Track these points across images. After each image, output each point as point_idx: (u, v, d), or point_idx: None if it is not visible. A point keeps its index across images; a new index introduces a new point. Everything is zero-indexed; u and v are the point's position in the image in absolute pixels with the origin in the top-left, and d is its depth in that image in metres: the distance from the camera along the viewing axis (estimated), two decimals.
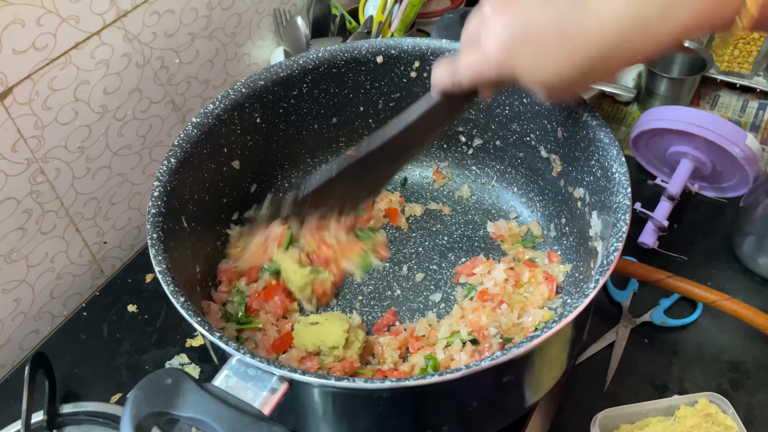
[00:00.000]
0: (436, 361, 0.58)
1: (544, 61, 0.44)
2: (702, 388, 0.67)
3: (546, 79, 0.45)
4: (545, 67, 0.45)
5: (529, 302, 0.64)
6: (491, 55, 0.46)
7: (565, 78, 0.45)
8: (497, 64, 0.46)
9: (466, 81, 0.50)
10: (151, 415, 0.43)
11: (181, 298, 0.49)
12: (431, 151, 0.79)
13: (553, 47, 0.44)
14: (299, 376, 0.44)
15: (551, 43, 0.43)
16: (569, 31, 0.43)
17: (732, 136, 0.73)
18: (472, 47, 0.48)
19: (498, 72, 0.47)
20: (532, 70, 0.45)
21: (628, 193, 0.51)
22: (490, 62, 0.47)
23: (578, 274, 0.64)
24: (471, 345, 0.59)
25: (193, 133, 0.61)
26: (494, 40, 0.46)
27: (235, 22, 0.87)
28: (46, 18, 0.64)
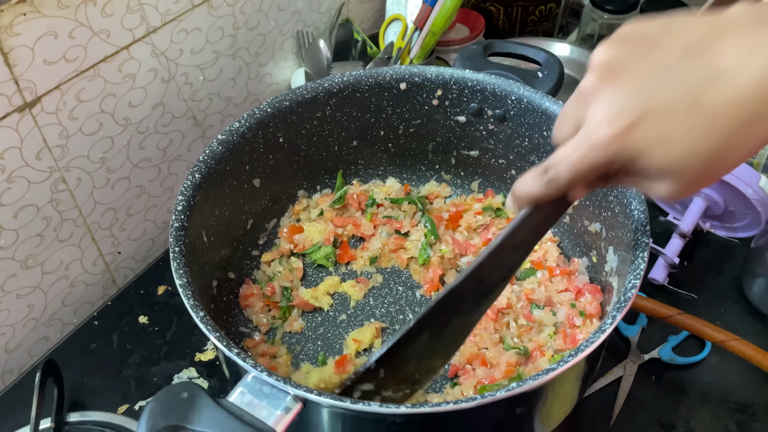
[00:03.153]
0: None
1: (673, 138, 0.36)
2: (709, 428, 0.67)
3: (672, 159, 0.37)
4: (675, 144, 0.36)
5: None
6: (604, 133, 0.37)
7: (699, 160, 0.36)
8: (613, 145, 0.37)
9: (566, 177, 0.40)
10: (167, 429, 0.43)
11: (200, 313, 0.49)
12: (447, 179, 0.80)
13: (687, 118, 0.36)
14: (314, 396, 0.45)
15: (684, 113, 0.36)
16: (707, 99, 0.35)
17: (746, 177, 0.74)
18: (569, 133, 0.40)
19: (613, 156, 0.38)
20: (657, 148, 0.37)
21: (647, 230, 0.52)
22: (602, 144, 0.37)
23: None
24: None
25: (218, 149, 0.62)
26: (607, 116, 0.37)
27: (258, 43, 0.89)
28: (78, 31, 0.66)
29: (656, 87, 0.36)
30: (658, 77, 0.37)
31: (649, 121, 0.36)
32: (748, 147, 0.36)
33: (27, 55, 0.62)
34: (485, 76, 0.68)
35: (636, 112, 0.36)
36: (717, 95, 0.35)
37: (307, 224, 0.75)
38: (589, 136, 0.38)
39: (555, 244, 0.72)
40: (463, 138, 0.74)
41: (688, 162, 0.37)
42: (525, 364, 0.61)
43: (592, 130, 0.38)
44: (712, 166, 0.37)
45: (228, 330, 0.66)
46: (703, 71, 0.36)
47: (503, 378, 0.60)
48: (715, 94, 0.35)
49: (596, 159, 0.38)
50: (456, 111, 0.72)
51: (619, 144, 0.37)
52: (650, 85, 0.37)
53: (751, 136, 0.36)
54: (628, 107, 0.37)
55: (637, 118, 0.36)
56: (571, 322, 0.63)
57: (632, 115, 0.36)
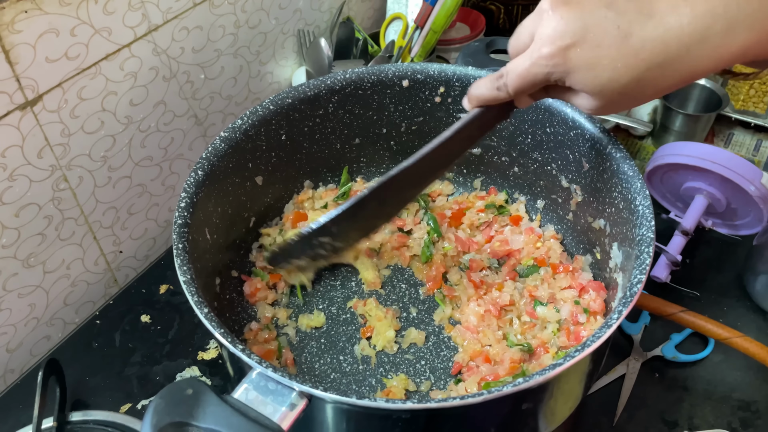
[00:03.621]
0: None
1: (601, 64, 0.43)
2: (712, 425, 0.67)
3: (600, 85, 0.44)
4: (602, 70, 0.43)
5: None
6: (546, 51, 0.44)
7: (619, 86, 0.43)
8: (551, 61, 0.44)
9: (512, 84, 0.48)
10: (172, 425, 0.43)
11: (205, 309, 0.49)
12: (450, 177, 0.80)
13: (613, 51, 0.42)
14: (319, 392, 0.45)
15: (611, 46, 0.42)
16: (632, 36, 0.42)
17: (748, 174, 0.74)
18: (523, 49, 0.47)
19: (550, 71, 0.45)
20: (587, 72, 0.44)
21: (652, 226, 0.52)
22: (543, 59, 0.44)
23: None
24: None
25: (221, 147, 0.62)
26: (551, 35, 0.44)
27: (260, 41, 0.88)
28: (80, 29, 0.66)
29: (596, 18, 0.43)
30: (600, 9, 0.43)
31: (583, 46, 0.43)
32: (664, 83, 0.43)
33: (29, 52, 0.62)
34: (487, 72, 0.68)
35: (574, 37, 0.43)
36: (645, 33, 0.42)
37: (312, 212, 0.75)
38: (534, 51, 0.45)
39: (558, 241, 0.72)
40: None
41: (609, 86, 0.43)
42: (529, 361, 0.61)
43: (537, 47, 0.45)
44: (629, 93, 0.44)
45: (231, 328, 0.65)
46: (639, 10, 0.42)
47: (507, 375, 0.59)
48: (644, 31, 0.42)
49: (538, 71, 0.45)
50: (458, 108, 0.72)
51: (555, 61, 0.44)
52: (592, 15, 0.43)
53: (668, 75, 0.43)
54: (568, 31, 0.43)
55: (574, 42, 0.43)
56: (575, 320, 0.63)
57: (570, 39, 0.43)
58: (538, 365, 0.60)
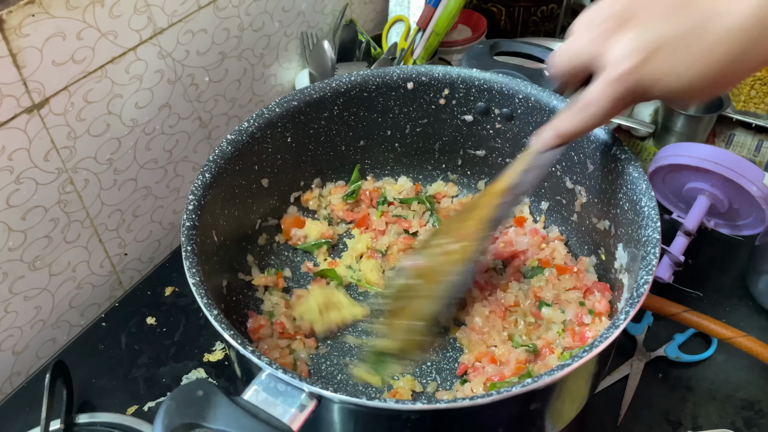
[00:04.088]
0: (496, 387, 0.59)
1: (679, 69, 0.45)
2: (716, 425, 0.67)
3: (680, 87, 0.46)
4: (680, 74, 0.45)
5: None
6: (627, 66, 0.46)
7: (698, 84, 0.45)
8: (633, 78, 0.46)
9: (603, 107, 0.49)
10: (183, 426, 0.43)
11: (214, 311, 0.49)
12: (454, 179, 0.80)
13: (688, 54, 0.44)
14: (329, 393, 0.45)
15: (689, 46, 0.44)
16: (701, 38, 0.44)
17: (750, 175, 0.74)
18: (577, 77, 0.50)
19: (632, 87, 0.47)
20: (667, 78, 0.46)
21: (658, 227, 0.52)
22: (623, 78, 0.46)
23: None
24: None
25: (228, 149, 0.62)
26: (627, 55, 0.46)
27: (263, 44, 0.89)
28: (86, 32, 0.66)
29: (664, 28, 0.45)
30: (665, 19, 0.45)
31: (660, 55, 0.45)
32: (743, 71, 0.46)
33: (35, 56, 0.62)
34: (492, 75, 0.68)
35: (649, 48, 0.45)
36: (714, 31, 0.43)
37: (309, 222, 0.75)
38: (614, 70, 0.47)
39: (562, 242, 0.72)
40: (470, 137, 0.74)
41: (692, 87, 0.46)
42: (534, 362, 0.61)
43: (616, 66, 0.46)
44: (713, 88, 0.46)
45: (239, 329, 0.65)
46: (701, 12, 0.44)
47: (513, 375, 0.60)
48: (713, 30, 0.43)
49: (625, 88, 0.47)
50: (463, 110, 0.72)
51: (639, 74, 0.46)
52: (659, 26, 0.45)
53: (744, 63, 0.44)
54: (642, 45, 0.45)
55: (651, 53, 0.45)
56: (580, 320, 0.63)
57: (646, 51, 0.45)
58: (543, 366, 0.61)
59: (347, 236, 0.76)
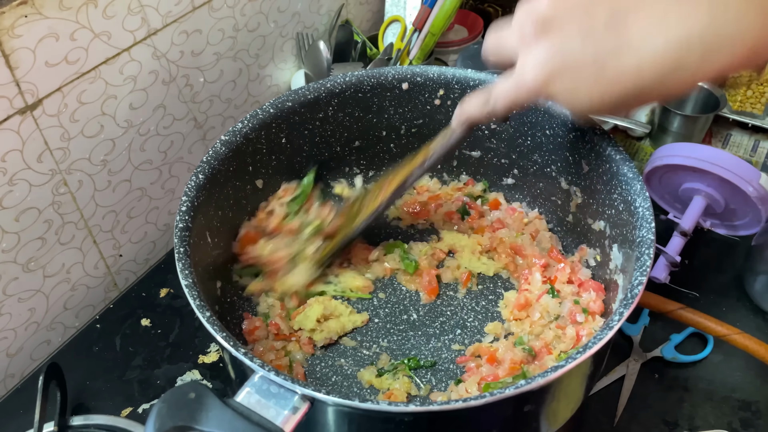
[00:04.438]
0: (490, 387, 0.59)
1: (579, 91, 0.46)
2: (712, 425, 0.67)
3: (580, 107, 0.48)
4: (579, 96, 0.46)
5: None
6: (529, 82, 0.48)
7: (597, 107, 0.47)
8: (534, 91, 0.48)
9: (502, 107, 0.52)
10: (175, 429, 0.43)
11: (206, 313, 0.49)
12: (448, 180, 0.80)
13: (590, 81, 0.45)
14: (322, 395, 0.45)
15: (589, 75, 0.45)
16: (608, 67, 0.44)
17: (746, 175, 0.74)
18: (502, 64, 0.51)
19: (533, 98, 0.49)
20: (566, 98, 0.47)
21: (653, 227, 0.52)
22: (527, 88, 0.48)
23: None
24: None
25: (222, 150, 0.62)
26: (533, 68, 0.47)
27: (259, 44, 0.89)
28: (79, 33, 0.66)
29: (576, 47, 0.44)
30: (580, 39, 0.44)
31: (564, 75, 0.46)
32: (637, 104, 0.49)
33: (28, 57, 0.62)
34: (487, 75, 0.68)
35: (556, 66, 0.46)
36: (620, 64, 0.43)
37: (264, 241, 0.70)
38: (520, 78, 0.48)
39: (542, 220, 0.74)
40: (466, 137, 0.74)
41: (589, 108, 0.47)
42: (531, 363, 0.61)
43: (523, 74, 0.48)
44: (616, 110, 0.47)
45: (233, 331, 0.65)
46: (615, 41, 0.43)
47: (507, 375, 0.60)
48: (619, 63, 0.43)
49: (523, 98, 0.50)
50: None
51: (540, 89, 0.47)
52: (571, 44, 0.44)
53: (645, 98, 0.45)
54: (551, 61, 0.46)
55: (556, 72, 0.46)
56: (573, 318, 0.63)
57: (552, 68, 0.46)
58: (539, 367, 0.60)
59: None
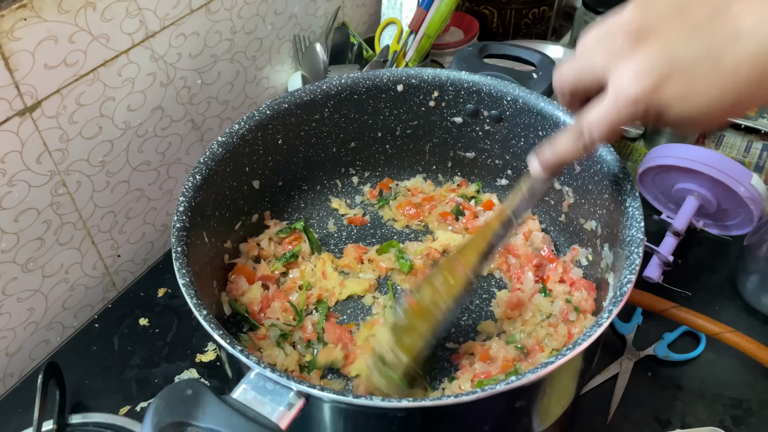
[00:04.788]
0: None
1: (695, 92, 0.41)
2: (704, 423, 0.67)
3: (694, 113, 0.42)
4: (695, 97, 0.42)
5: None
6: (632, 95, 0.42)
7: (714, 110, 0.42)
8: (642, 102, 0.42)
9: (601, 135, 0.46)
10: (172, 425, 0.44)
11: (203, 311, 0.50)
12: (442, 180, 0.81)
13: (707, 76, 0.41)
14: (317, 391, 0.45)
15: (704, 71, 0.41)
16: (724, 58, 0.40)
17: (738, 176, 0.75)
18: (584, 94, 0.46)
19: (643, 110, 0.43)
20: (681, 103, 0.42)
21: (642, 227, 0.53)
22: (633, 102, 0.43)
23: None
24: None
25: (218, 151, 0.63)
26: (636, 78, 0.42)
27: (256, 47, 0.89)
28: (78, 36, 0.66)
29: (682, 48, 0.41)
30: (684, 39, 0.41)
31: (674, 79, 0.41)
32: (760, 99, 0.41)
33: (27, 59, 0.63)
34: (481, 77, 0.69)
35: (663, 70, 0.41)
36: (735, 55, 0.40)
37: (257, 286, 0.69)
38: (620, 93, 0.43)
39: (535, 221, 0.74)
40: (460, 139, 0.75)
41: (709, 112, 0.42)
42: (524, 360, 0.62)
43: (623, 88, 0.42)
44: (727, 114, 0.42)
45: (229, 330, 0.66)
46: (723, 33, 0.40)
47: (500, 373, 0.60)
48: (734, 54, 0.40)
49: (629, 114, 0.43)
50: (452, 112, 0.73)
51: (649, 99, 0.42)
52: (677, 46, 0.41)
53: (760, 92, 0.41)
54: (656, 66, 0.41)
55: (664, 76, 0.41)
56: (565, 317, 0.64)
57: (660, 73, 0.41)
58: (531, 364, 0.61)
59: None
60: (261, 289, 0.68)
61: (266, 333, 0.65)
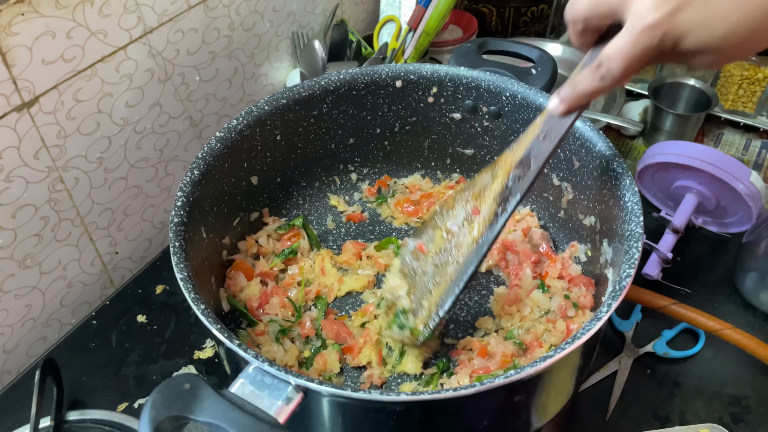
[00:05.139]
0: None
1: (713, 17, 0.41)
2: (703, 420, 0.67)
3: (717, 42, 0.41)
4: (716, 27, 0.41)
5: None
6: (651, 20, 0.42)
7: (733, 37, 0.41)
8: (660, 30, 0.42)
9: (619, 68, 0.44)
10: (170, 419, 0.44)
11: (201, 306, 0.50)
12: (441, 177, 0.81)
13: (725, 4, 0.40)
14: (315, 385, 0.45)
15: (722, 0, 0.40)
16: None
17: (737, 173, 0.75)
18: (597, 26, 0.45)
19: (661, 38, 0.42)
20: (701, 31, 0.41)
21: (641, 221, 0.53)
22: (649, 30, 0.42)
23: None
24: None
25: (217, 147, 0.62)
26: (654, 4, 0.41)
27: (254, 43, 0.89)
28: (76, 31, 0.66)
29: None
30: None
31: (693, 5, 0.40)
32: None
33: (25, 54, 0.63)
34: (480, 73, 0.69)
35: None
36: None
37: (262, 259, 0.71)
38: (638, 22, 0.42)
39: (533, 217, 0.74)
40: (459, 135, 0.75)
41: (726, 40, 0.41)
42: (522, 356, 0.62)
43: (641, 17, 0.42)
44: (748, 44, 0.41)
45: (227, 326, 0.66)
46: None
47: (498, 368, 0.60)
48: None
49: (648, 43, 0.42)
50: (451, 108, 0.73)
51: (667, 26, 0.41)
52: None
53: None
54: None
55: (681, 3, 0.40)
56: (564, 313, 0.64)
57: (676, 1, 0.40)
58: (530, 360, 0.61)
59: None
60: (260, 286, 0.68)
61: (264, 329, 0.64)
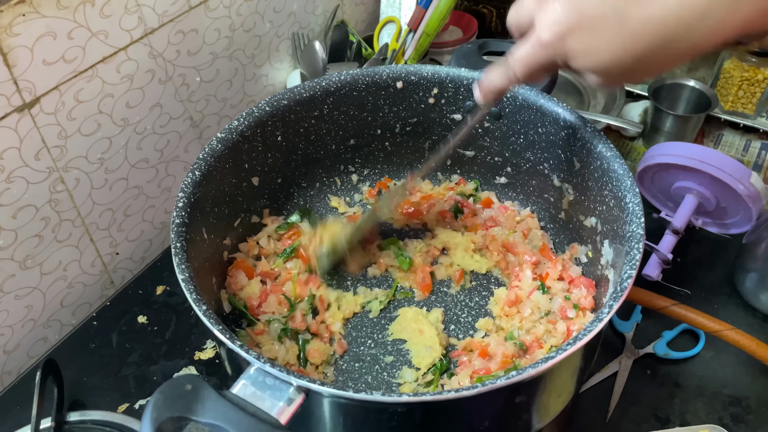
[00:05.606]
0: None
1: (600, 49, 0.44)
2: (703, 421, 0.67)
3: (602, 67, 0.45)
4: (602, 54, 0.44)
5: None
6: (544, 39, 0.46)
7: (621, 67, 0.44)
8: (550, 48, 0.46)
9: (520, 71, 0.50)
10: (171, 419, 0.44)
11: (203, 306, 0.50)
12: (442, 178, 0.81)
13: (611, 34, 0.43)
14: (317, 386, 0.45)
15: (609, 30, 0.43)
16: (630, 17, 0.42)
17: (737, 174, 0.75)
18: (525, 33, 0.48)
19: (551, 56, 0.47)
20: (587, 56, 0.45)
21: (642, 222, 0.53)
22: (543, 47, 0.46)
23: None
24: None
25: (218, 147, 0.62)
26: (549, 25, 0.45)
27: (255, 44, 0.89)
28: (76, 32, 0.66)
29: (591, 3, 0.43)
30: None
31: (580, 32, 0.44)
32: (668, 60, 0.44)
33: (26, 55, 0.63)
34: (481, 74, 0.69)
35: (570, 22, 0.44)
36: (644, 14, 0.41)
37: (263, 259, 0.72)
38: (534, 38, 0.47)
39: (533, 218, 0.74)
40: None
41: (611, 67, 0.44)
42: (523, 357, 0.62)
43: (537, 34, 0.46)
44: (633, 71, 0.45)
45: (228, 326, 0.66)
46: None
47: (499, 369, 0.60)
48: (643, 13, 0.41)
49: (540, 58, 0.47)
50: (452, 109, 0.73)
51: (555, 47, 0.46)
52: (587, 1, 0.43)
53: (670, 53, 0.43)
54: (564, 19, 0.44)
55: (571, 28, 0.44)
56: (564, 314, 0.64)
57: (568, 24, 0.44)
58: (530, 361, 0.61)
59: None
60: (260, 285, 0.68)
61: (264, 328, 0.64)
